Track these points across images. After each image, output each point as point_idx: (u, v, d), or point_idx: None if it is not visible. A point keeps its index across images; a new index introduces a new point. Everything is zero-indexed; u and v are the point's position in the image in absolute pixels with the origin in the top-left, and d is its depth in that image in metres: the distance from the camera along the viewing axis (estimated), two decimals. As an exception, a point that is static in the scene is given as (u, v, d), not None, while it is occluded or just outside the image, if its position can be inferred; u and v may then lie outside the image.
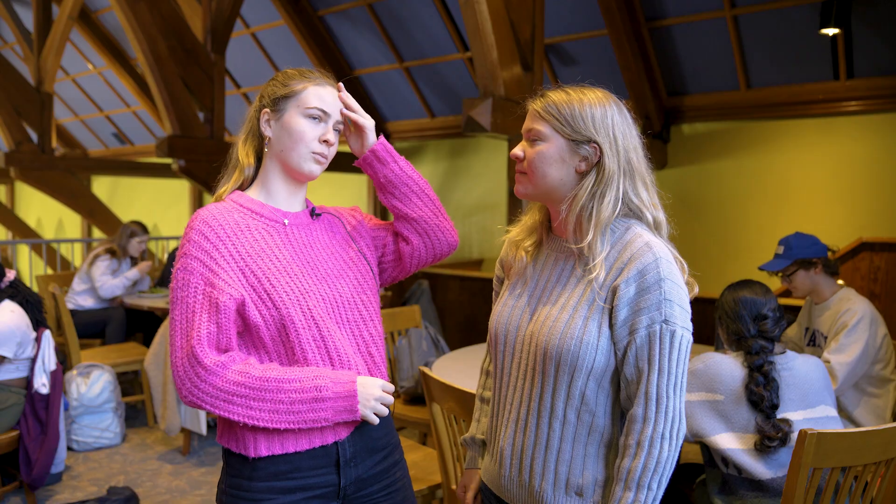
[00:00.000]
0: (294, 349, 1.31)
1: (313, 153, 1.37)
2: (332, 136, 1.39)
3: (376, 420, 1.34)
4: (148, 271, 4.90)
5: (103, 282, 4.65)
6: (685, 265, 1.28)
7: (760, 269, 2.69)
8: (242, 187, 1.44)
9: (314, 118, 1.37)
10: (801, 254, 2.60)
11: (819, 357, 2.42)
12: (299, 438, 1.31)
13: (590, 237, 1.25)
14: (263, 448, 1.30)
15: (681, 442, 1.21)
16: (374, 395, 1.32)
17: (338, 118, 1.41)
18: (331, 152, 1.40)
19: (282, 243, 1.37)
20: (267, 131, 1.39)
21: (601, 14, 5.04)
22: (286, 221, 1.40)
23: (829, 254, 2.64)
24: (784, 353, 1.92)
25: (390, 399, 1.35)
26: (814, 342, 2.70)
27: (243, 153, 1.42)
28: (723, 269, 5.15)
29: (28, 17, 7.40)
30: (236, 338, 1.31)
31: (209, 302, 1.27)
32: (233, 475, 1.34)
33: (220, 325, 1.26)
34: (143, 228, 4.95)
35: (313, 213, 1.46)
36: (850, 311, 2.50)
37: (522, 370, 1.32)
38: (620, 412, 1.27)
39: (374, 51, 6.58)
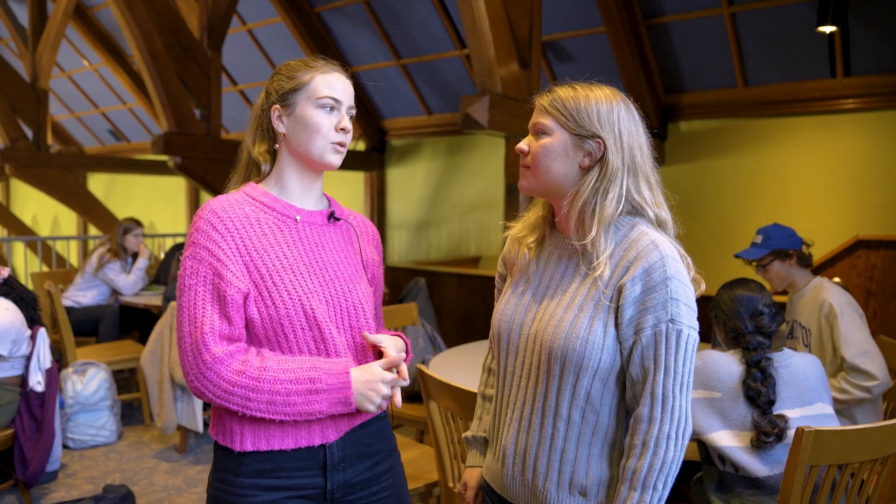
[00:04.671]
0: (291, 349, 1.30)
1: (332, 143, 1.34)
2: (347, 123, 1.36)
3: (375, 410, 1.30)
4: (148, 255, 4.92)
5: (122, 281, 4.74)
6: (690, 262, 1.27)
7: (736, 256, 2.69)
8: (257, 181, 1.41)
9: (327, 108, 1.34)
10: (778, 244, 2.61)
11: (800, 350, 2.42)
12: (285, 437, 1.29)
13: (593, 234, 1.23)
14: (249, 443, 1.29)
15: (686, 442, 1.21)
16: (373, 388, 1.28)
17: (350, 103, 1.37)
18: (348, 139, 1.37)
19: (291, 240, 1.34)
20: (280, 127, 1.36)
21: (599, 11, 5.03)
22: (298, 218, 1.37)
23: (805, 247, 2.67)
24: (782, 350, 1.93)
25: (388, 391, 1.30)
26: (792, 334, 2.71)
27: (257, 152, 1.39)
28: (720, 267, 5.15)
29: (23, 14, 7.37)
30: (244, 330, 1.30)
31: (217, 292, 1.26)
32: (220, 469, 1.34)
33: (230, 317, 1.26)
34: (136, 223, 4.95)
35: (332, 216, 1.42)
36: (825, 303, 2.50)
37: (527, 369, 1.30)
38: (625, 412, 1.26)
39: (372, 48, 6.56)
